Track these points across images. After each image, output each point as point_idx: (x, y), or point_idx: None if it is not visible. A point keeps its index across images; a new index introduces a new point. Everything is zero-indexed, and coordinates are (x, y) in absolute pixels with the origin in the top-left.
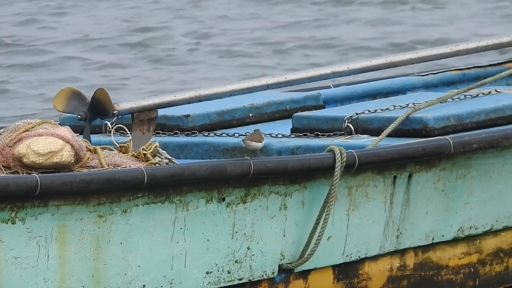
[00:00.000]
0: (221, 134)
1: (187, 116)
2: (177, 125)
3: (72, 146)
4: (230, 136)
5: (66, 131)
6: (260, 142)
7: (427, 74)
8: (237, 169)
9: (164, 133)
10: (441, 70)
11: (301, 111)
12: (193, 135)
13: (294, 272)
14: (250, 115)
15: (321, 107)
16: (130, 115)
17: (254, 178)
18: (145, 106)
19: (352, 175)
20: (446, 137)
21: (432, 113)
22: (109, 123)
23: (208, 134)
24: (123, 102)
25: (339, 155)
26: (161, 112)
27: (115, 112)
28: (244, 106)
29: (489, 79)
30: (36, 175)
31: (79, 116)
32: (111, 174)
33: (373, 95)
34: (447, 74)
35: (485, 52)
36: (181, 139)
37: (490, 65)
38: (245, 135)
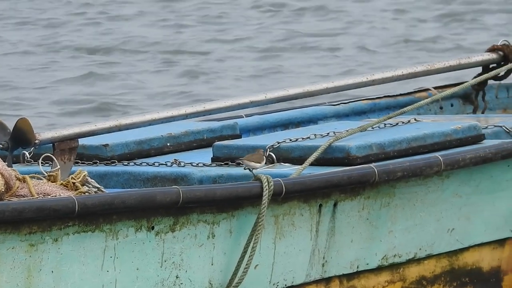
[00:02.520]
0: (140, 164)
1: (106, 145)
2: (96, 155)
3: (2, 175)
4: (150, 165)
5: None
6: (259, 163)
7: (338, 104)
8: (167, 197)
9: (83, 162)
10: (352, 100)
11: (218, 140)
12: (113, 164)
13: None
14: (168, 144)
15: (238, 136)
16: (51, 144)
17: (183, 207)
18: (66, 136)
19: (278, 204)
20: (371, 165)
21: (354, 141)
22: (27, 153)
23: (128, 163)
24: (45, 132)
25: (266, 183)
26: (79, 141)
27: (37, 141)
28: (162, 136)
29: (409, 107)
30: None
31: (0, 146)
32: (42, 202)
33: (285, 124)
34: (358, 104)
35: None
36: (101, 168)
37: (400, 94)
38: (165, 164)
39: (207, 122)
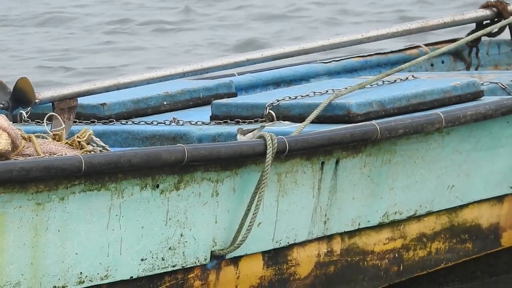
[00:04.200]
0: (139, 122)
1: (103, 104)
2: (93, 114)
3: (9, 134)
4: (148, 124)
5: (2, 119)
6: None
7: (329, 61)
8: (172, 155)
9: (81, 122)
10: (343, 57)
11: (214, 99)
12: (111, 123)
13: (226, 258)
14: (165, 103)
15: (234, 94)
16: (51, 103)
17: (188, 165)
18: (66, 95)
19: (281, 162)
20: (373, 122)
21: (354, 99)
22: (24, 112)
23: (126, 122)
24: (44, 91)
25: (270, 141)
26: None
27: (37, 101)
28: (158, 94)
29: (407, 64)
30: None
31: (1, 105)
32: (50, 162)
33: (277, 82)
34: (350, 61)
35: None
36: (99, 127)
37: (391, 51)
38: (164, 123)
39: (203, 81)
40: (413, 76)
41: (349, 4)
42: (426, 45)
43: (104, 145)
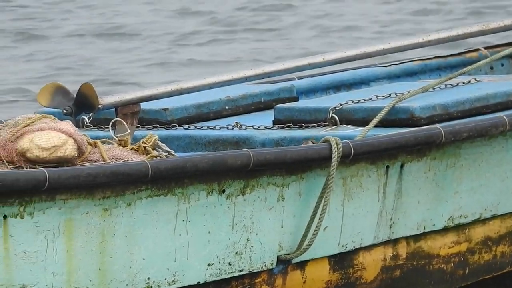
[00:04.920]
0: (201, 127)
1: (166, 109)
2: (156, 119)
3: (75, 140)
4: (211, 128)
5: (68, 125)
6: None
7: (389, 65)
8: (238, 160)
9: (143, 127)
10: (403, 61)
11: (275, 103)
12: (173, 128)
13: (292, 263)
14: (227, 107)
15: (295, 99)
16: (114, 109)
17: (253, 170)
18: (129, 100)
19: (346, 166)
20: (437, 125)
21: (417, 102)
22: (86, 118)
23: (188, 127)
24: (107, 96)
25: (335, 145)
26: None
27: (100, 106)
28: (220, 99)
29: (469, 67)
30: (44, 169)
31: (64, 111)
32: (116, 167)
33: (337, 86)
34: (409, 65)
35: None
36: (162, 132)
37: (451, 55)
38: (226, 127)
39: (264, 85)
40: (475, 79)
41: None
42: (485, 48)
43: (169, 150)
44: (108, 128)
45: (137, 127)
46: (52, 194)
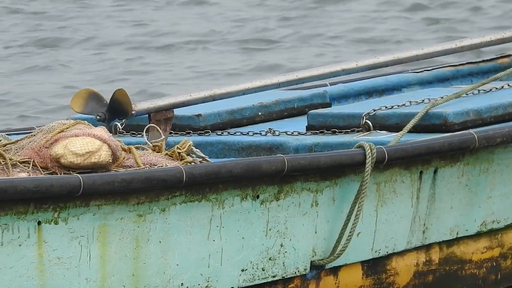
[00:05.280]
0: (234, 133)
1: (199, 115)
2: (189, 125)
3: (109, 146)
4: (244, 134)
5: (102, 131)
6: None
7: (421, 71)
8: (272, 166)
9: (177, 133)
10: (435, 67)
11: (308, 109)
12: (206, 134)
13: (325, 268)
14: (260, 113)
15: (328, 104)
16: (147, 115)
17: (287, 175)
18: (162, 106)
19: (380, 171)
20: (471, 131)
21: (450, 108)
22: (119, 124)
23: (222, 133)
24: (140, 103)
25: (369, 150)
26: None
27: (133, 112)
28: (253, 105)
29: (502, 73)
30: (78, 175)
31: (98, 117)
32: (151, 173)
33: (369, 92)
34: (441, 71)
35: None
36: (195, 138)
37: (483, 60)
38: (259, 133)
39: (297, 91)
40: (508, 85)
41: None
42: None
43: (204, 156)
44: (141, 134)
45: (170, 133)
46: (87, 200)
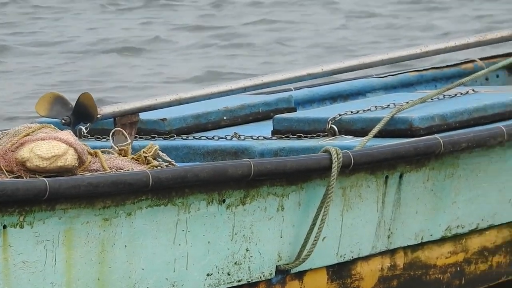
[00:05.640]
0: (200, 137)
1: (164, 119)
2: (154, 129)
3: (75, 149)
4: (209, 139)
5: (68, 135)
6: None
7: (385, 76)
8: (238, 170)
9: (142, 137)
10: (399, 72)
11: (273, 114)
12: (171, 138)
13: (290, 273)
14: (225, 118)
15: (293, 109)
16: (112, 119)
17: (254, 180)
18: (127, 110)
19: (346, 176)
20: (436, 136)
21: (416, 113)
22: (83, 128)
23: (187, 137)
24: (106, 106)
25: (335, 155)
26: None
27: (99, 116)
28: (218, 109)
29: (467, 78)
30: (44, 179)
31: (63, 121)
32: (117, 177)
33: (334, 97)
34: (405, 76)
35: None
36: (160, 142)
37: (447, 66)
38: (225, 138)
39: (262, 96)
40: (473, 90)
41: None
42: (480, 59)
43: (170, 160)
44: (105, 138)
45: (135, 137)
46: (52, 204)
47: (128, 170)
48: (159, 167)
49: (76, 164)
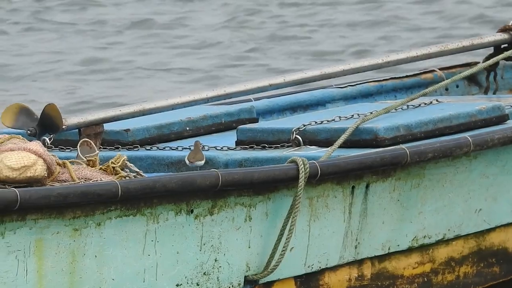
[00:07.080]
0: (163, 148)
1: (127, 130)
2: (117, 140)
3: (45, 160)
4: (173, 149)
5: (37, 146)
6: (201, 160)
7: (345, 86)
8: (206, 180)
9: (105, 148)
10: (359, 82)
11: (236, 124)
12: (135, 149)
13: (259, 283)
14: (187, 128)
15: (255, 120)
16: (77, 130)
17: (221, 190)
18: (92, 121)
19: (313, 186)
20: (402, 146)
21: (381, 123)
22: (47, 139)
23: (150, 148)
24: (71, 117)
25: (302, 165)
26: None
27: (64, 127)
28: (181, 120)
29: (431, 89)
30: (15, 189)
31: (28, 132)
32: (87, 187)
33: (294, 107)
34: (365, 86)
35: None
36: (124, 153)
37: (407, 76)
38: (189, 148)
39: (224, 106)
40: (437, 100)
41: None
42: (440, 69)
43: (138, 170)
44: (69, 148)
45: (99, 148)
46: (23, 214)
47: (96, 180)
48: (127, 178)
49: (46, 175)
